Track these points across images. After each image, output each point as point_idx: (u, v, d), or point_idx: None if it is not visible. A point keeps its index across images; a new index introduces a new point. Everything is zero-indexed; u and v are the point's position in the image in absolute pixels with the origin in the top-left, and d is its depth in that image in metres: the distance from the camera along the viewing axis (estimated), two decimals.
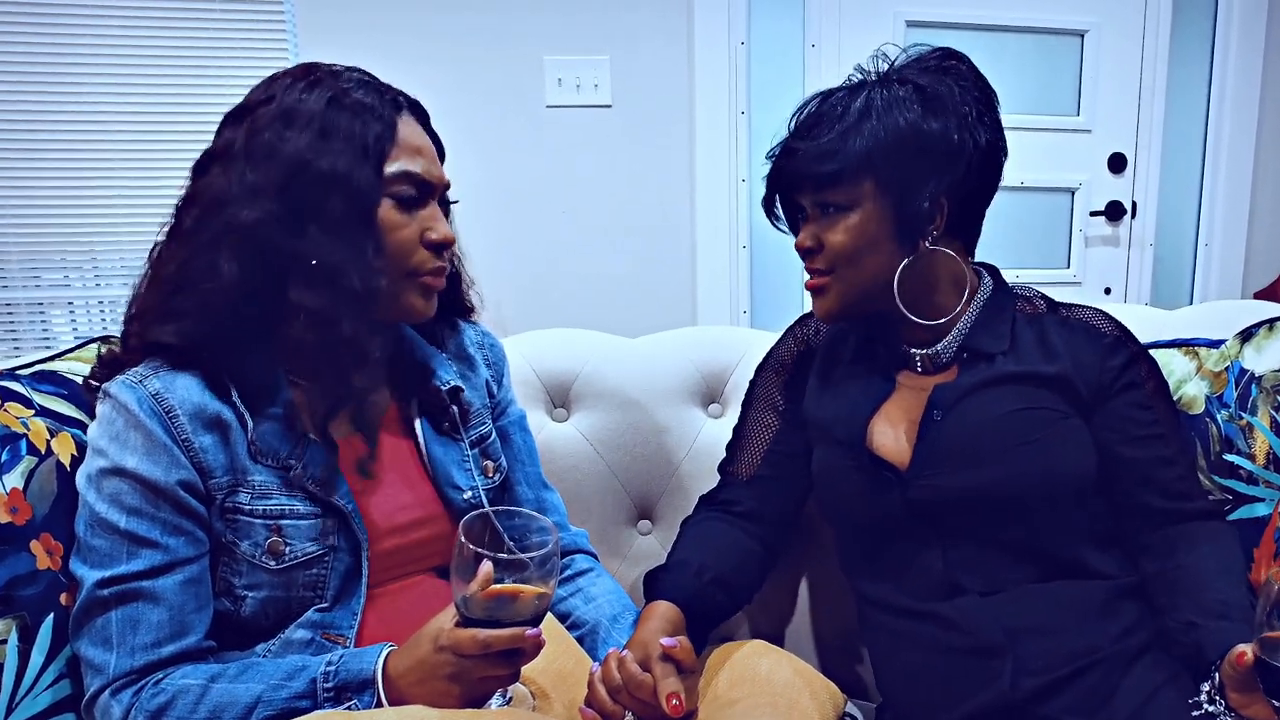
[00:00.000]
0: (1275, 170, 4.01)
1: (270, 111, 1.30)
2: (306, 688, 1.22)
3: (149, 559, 1.24)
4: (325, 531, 1.33)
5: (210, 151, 1.34)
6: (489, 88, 3.41)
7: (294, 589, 1.32)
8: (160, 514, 1.24)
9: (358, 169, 1.28)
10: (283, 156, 1.27)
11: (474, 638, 1.14)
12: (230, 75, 3.37)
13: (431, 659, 1.18)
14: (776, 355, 1.74)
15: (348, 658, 1.24)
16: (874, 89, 1.46)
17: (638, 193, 3.65)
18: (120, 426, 1.26)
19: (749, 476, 1.67)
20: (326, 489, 1.34)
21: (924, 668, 1.47)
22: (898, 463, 1.50)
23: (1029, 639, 1.40)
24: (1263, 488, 1.56)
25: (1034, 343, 1.52)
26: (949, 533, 1.47)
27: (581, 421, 1.94)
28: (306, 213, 1.27)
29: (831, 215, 1.46)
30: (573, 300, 3.63)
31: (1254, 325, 1.65)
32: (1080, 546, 1.47)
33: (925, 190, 1.44)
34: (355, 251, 1.28)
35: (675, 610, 1.44)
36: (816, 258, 1.49)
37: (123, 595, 1.22)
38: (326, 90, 1.31)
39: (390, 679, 1.22)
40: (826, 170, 1.43)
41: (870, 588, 1.57)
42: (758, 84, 3.71)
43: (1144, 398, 1.49)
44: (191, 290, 1.28)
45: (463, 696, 1.19)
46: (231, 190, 1.27)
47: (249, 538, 1.29)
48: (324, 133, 1.28)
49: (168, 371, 1.29)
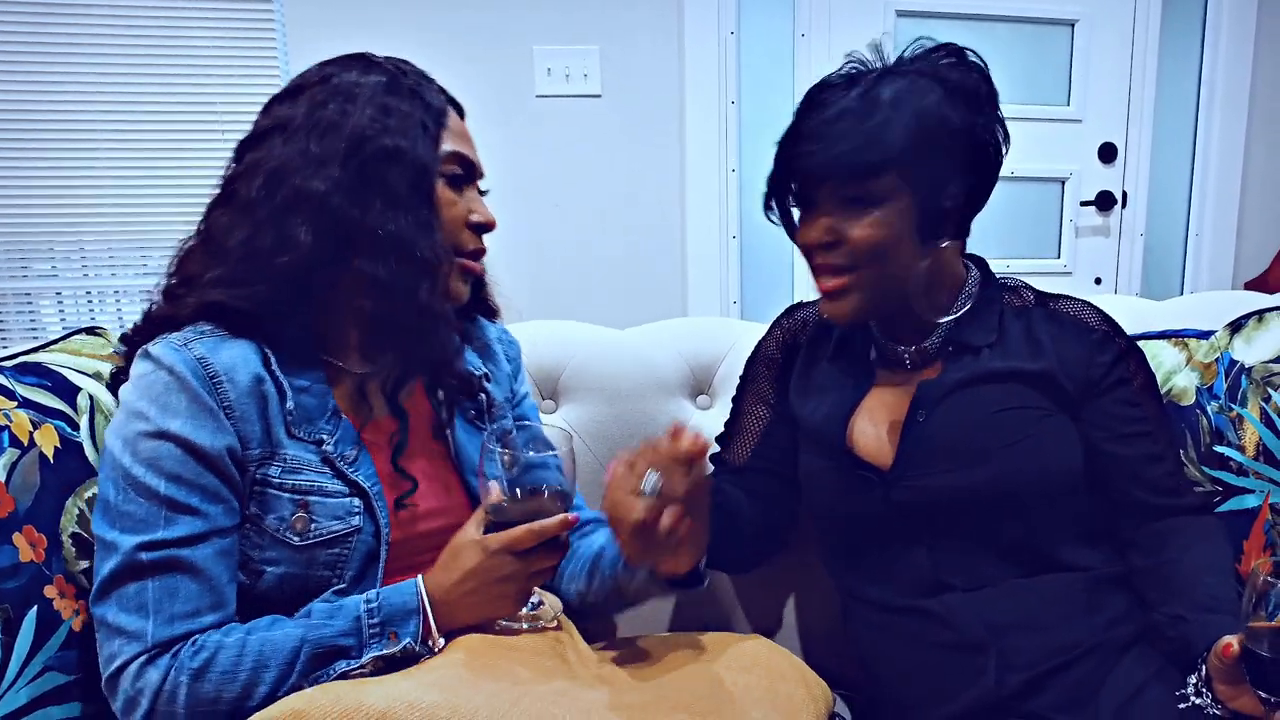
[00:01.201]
0: (1265, 160, 4.02)
1: (329, 88, 1.34)
2: (350, 625, 1.25)
3: (188, 526, 1.22)
4: (350, 511, 1.33)
5: (265, 126, 1.36)
6: (478, 77, 3.37)
7: (314, 566, 1.32)
8: (201, 481, 1.23)
9: (419, 144, 1.32)
10: (346, 129, 1.30)
11: (529, 530, 1.25)
12: (219, 67, 3.37)
13: (485, 564, 1.27)
14: (764, 349, 1.72)
15: (386, 593, 1.28)
16: (897, 80, 1.40)
17: (627, 182, 3.66)
18: (162, 388, 1.24)
19: (742, 465, 1.66)
20: (355, 468, 1.34)
21: (909, 664, 1.47)
22: (880, 463, 1.49)
23: (1014, 634, 1.40)
24: (1252, 479, 1.56)
25: (1021, 337, 1.50)
26: (933, 532, 1.46)
27: (569, 412, 1.93)
28: (372, 185, 1.30)
29: (855, 209, 1.40)
30: (562, 290, 3.63)
31: (1243, 316, 1.65)
32: (1065, 543, 1.46)
33: (951, 186, 1.43)
34: (419, 223, 1.32)
35: None
36: (833, 253, 1.42)
37: (161, 563, 1.20)
38: (382, 73, 1.36)
39: (437, 601, 1.28)
40: (864, 160, 1.37)
41: (855, 586, 1.56)
42: (748, 74, 3.71)
43: (1132, 394, 1.48)
44: (263, 257, 1.29)
45: (515, 596, 1.30)
46: (296, 161, 1.29)
47: (275, 511, 1.29)
48: (385, 110, 1.32)
49: (212, 337, 1.29)
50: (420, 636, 1.26)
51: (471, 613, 1.29)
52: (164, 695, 1.17)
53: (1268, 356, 1.58)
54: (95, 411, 1.44)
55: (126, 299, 3.55)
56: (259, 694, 1.19)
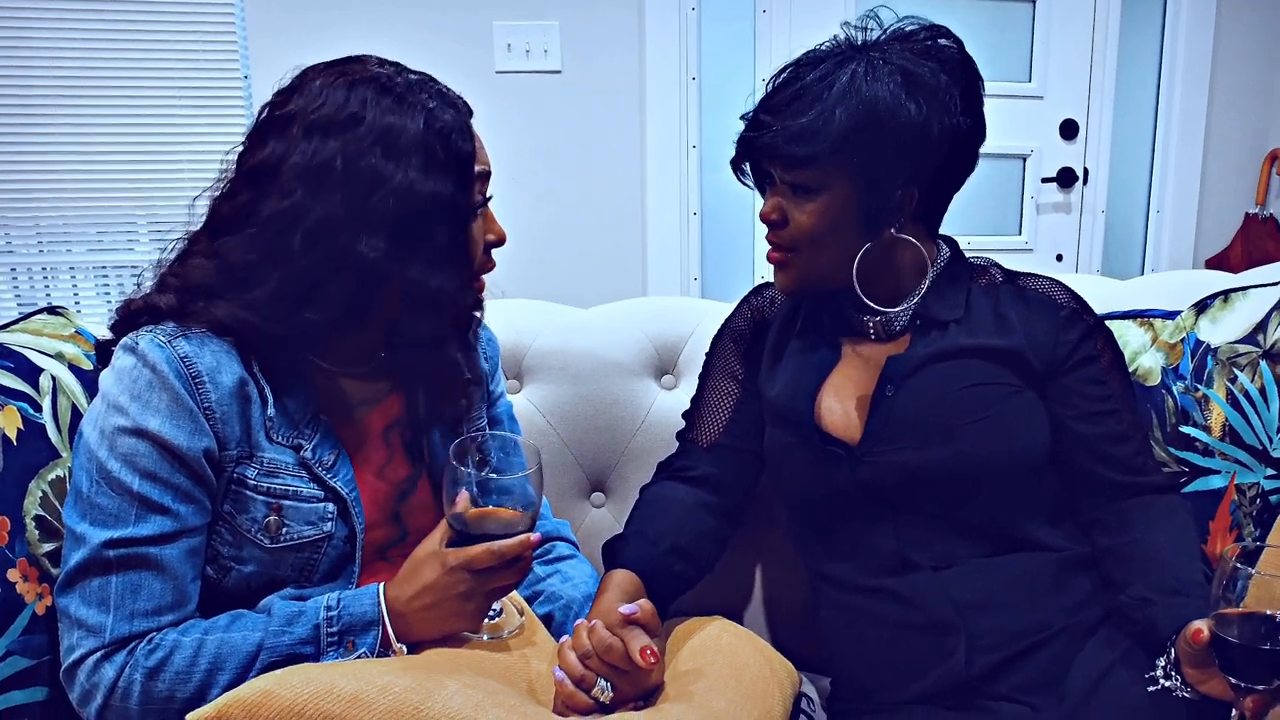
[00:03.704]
0: (1227, 137, 4.03)
1: (367, 136, 1.26)
2: (309, 633, 1.24)
3: (158, 525, 1.22)
4: (324, 517, 1.33)
5: (291, 162, 1.26)
6: (437, 53, 3.22)
7: (282, 568, 1.32)
8: (175, 480, 1.23)
9: (461, 194, 1.31)
10: (393, 188, 1.26)
11: (489, 550, 1.23)
12: (173, 36, 3.32)
13: (443, 580, 1.25)
14: (732, 324, 1.71)
15: (346, 600, 1.27)
16: (858, 66, 1.39)
17: (588, 159, 3.65)
18: (144, 385, 1.23)
19: (709, 444, 1.64)
20: (332, 473, 1.33)
21: (878, 644, 1.46)
22: (847, 438, 1.48)
23: (981, 614, 1.40)
24: (1218, 460, 1.56)
25: (989, 314, 1.50)
26: (900, 509, 1.46)
27: (534, 393, 1.92)
28: (415, 242, 1.28)
29: (799, 194, 1.43)
30: (521, 266, 3.52)
31: (1209, 297, 1.65)
32: (1032, 521, 1.46)
33: (897, 181, 1.42)
34: (458, 273, 1.34)
35: (633, 578, 1.42)
36: (780, 232, 1.47)
37: (128, 560, 1.20)
38: (419, 115, 1.29)
39: (396, 613, 1.26)
40: (799, 152, 1.39)
41: (823, 564, 1.56)
42: (709, 49, 3.70)
43: (1099, 372, 1.48)
44: (294, 304, 1.27)
45: (473, 611, 1.28)
46: (338, 217, 1.25)
47: (248, 512, 1.29)
48: (428, 162, 1.28)
49: (197, 335, 1.27)
50: (378, 648, 1.26)
51: (428, 627, 1.28)
52: (118, 692, 1.18)
53: (1233, 337, 1.59)
54: (58, 392, 1.42)
55: (82, 274, 3.55)
56: (213, 695, 1.17)
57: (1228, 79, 3.99)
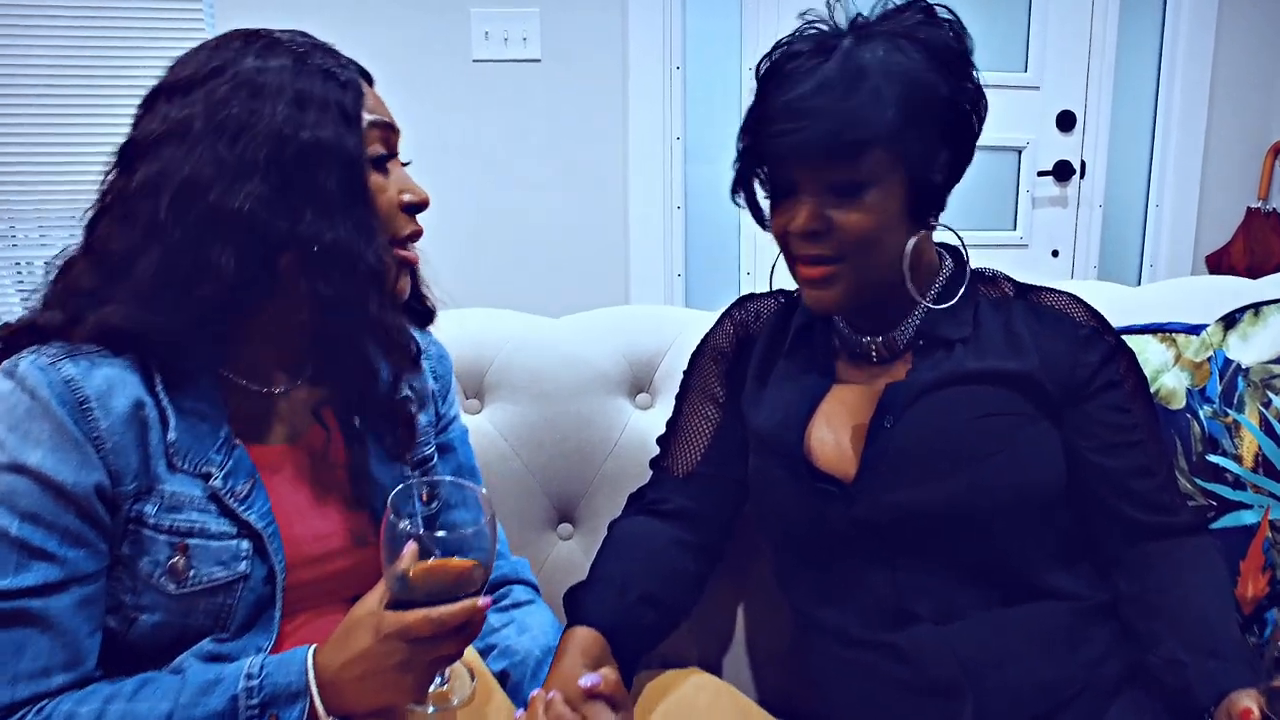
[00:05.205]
0: (1228, 130, 3.98)
1: (228, 83, 1.16)
2: (226, 705, 1.11)
3: (42, 574, 1.09)
4: (237, 556, 1.19)
5: (155, 131, 1.17)
6: (412, 41, 3.36)
7: (193, 616, 1.18)
8: (61, 521, 1.09)
9: (344, 134, 1.19)
10: (260, 131, 1.15)
11: (427, 618, 1.07)
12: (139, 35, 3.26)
13: (376, 650, 1.10)
14: (713, 341, 1.58)
15: (270, 666, 1.13)
16: (877, 42, 1.30)
17: (568, 151, 3.62)
18: (22, 413, 1.10)
19: (686, 474, 1.52)
20: (246, 505, 1.20)
21: (874, 705, 1.36)
22: (841, 474, 1.37)
23: (990, 675, 1.29)
24: (1250, 493, 1.48)
25: (999, 332, 1.39)
26: (899, 552, 1.35)
27: (495, 414, 1.80)
28: (299, 191, 1.16)
29: (843, 193, 1.29)
30: (498, 264, 3.61)
31: (1237, 311, 1.56)
32: (1045, 565, 1.36)
33: (939, 161, 1.33)
34: (359, 227, 1.19)
35: (596, 638, 1.30)
36: (819, 242, 1.31)
37: (8, 615, 1.07)
38: (285, 55, 1.19)
39: (325, 682, 1.12)
40: (854, 138, 1.25)
41: (812, 609, 1.44)
42: (693, 38, 3.67)
43: (1122, 399, 1.37)
44: (181, 287, 1.14)
45: (412, 684, 1.13)
46: (206, 173, 1.13)
47: (148, 554, 1.15)
48: (299, 100, 1.17)
49: (86, 355, 1.13)
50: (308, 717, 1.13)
51: (363, 699, 1.13)
52: None
53: (1267, 356, 1.50)
54: None
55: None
56: None
57: (1230, 70, 3.93)
